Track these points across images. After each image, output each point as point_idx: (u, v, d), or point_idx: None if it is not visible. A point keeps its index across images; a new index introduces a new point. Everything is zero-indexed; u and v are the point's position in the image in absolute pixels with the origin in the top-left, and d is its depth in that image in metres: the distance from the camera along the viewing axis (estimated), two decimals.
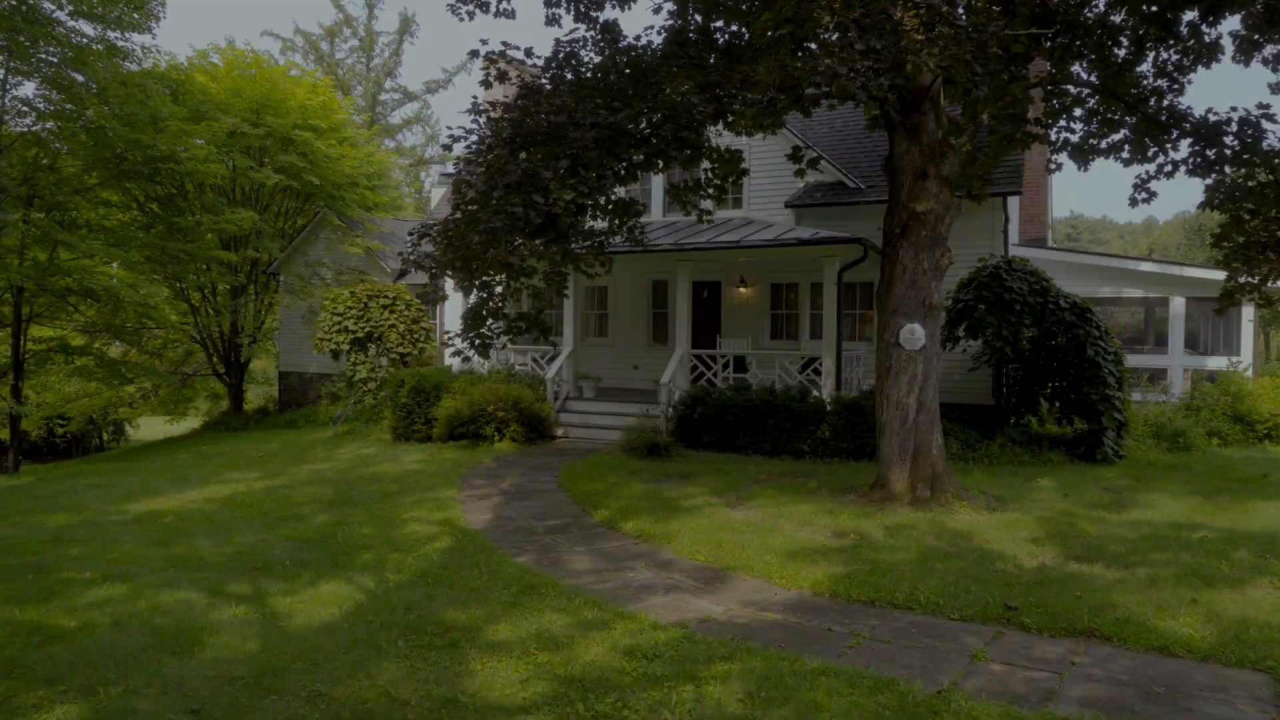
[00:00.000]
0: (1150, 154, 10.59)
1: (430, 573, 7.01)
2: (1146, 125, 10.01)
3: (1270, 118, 9.67)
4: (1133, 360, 16.88)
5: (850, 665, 4.93)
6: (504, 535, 8.52)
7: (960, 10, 6.87)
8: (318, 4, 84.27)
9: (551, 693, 4.52)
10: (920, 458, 9.38)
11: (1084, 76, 11.07)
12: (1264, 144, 9.76)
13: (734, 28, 9.76)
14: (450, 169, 27.13)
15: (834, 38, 6.89)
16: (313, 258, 24.86)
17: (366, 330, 18.61)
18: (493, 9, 11.29)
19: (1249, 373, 15.60)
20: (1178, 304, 16.15)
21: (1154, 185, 10.95)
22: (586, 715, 4.23)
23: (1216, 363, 15.98)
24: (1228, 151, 10.11)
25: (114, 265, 21.82)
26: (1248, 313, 16.06)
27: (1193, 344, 16.98)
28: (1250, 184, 10.21)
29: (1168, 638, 5.28)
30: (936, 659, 5.09)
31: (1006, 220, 14.99)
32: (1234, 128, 9.89)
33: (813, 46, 7.93)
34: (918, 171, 9.43)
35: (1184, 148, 10.46)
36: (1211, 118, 10.05)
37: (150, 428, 37.80)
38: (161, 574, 7.14)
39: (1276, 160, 9.75)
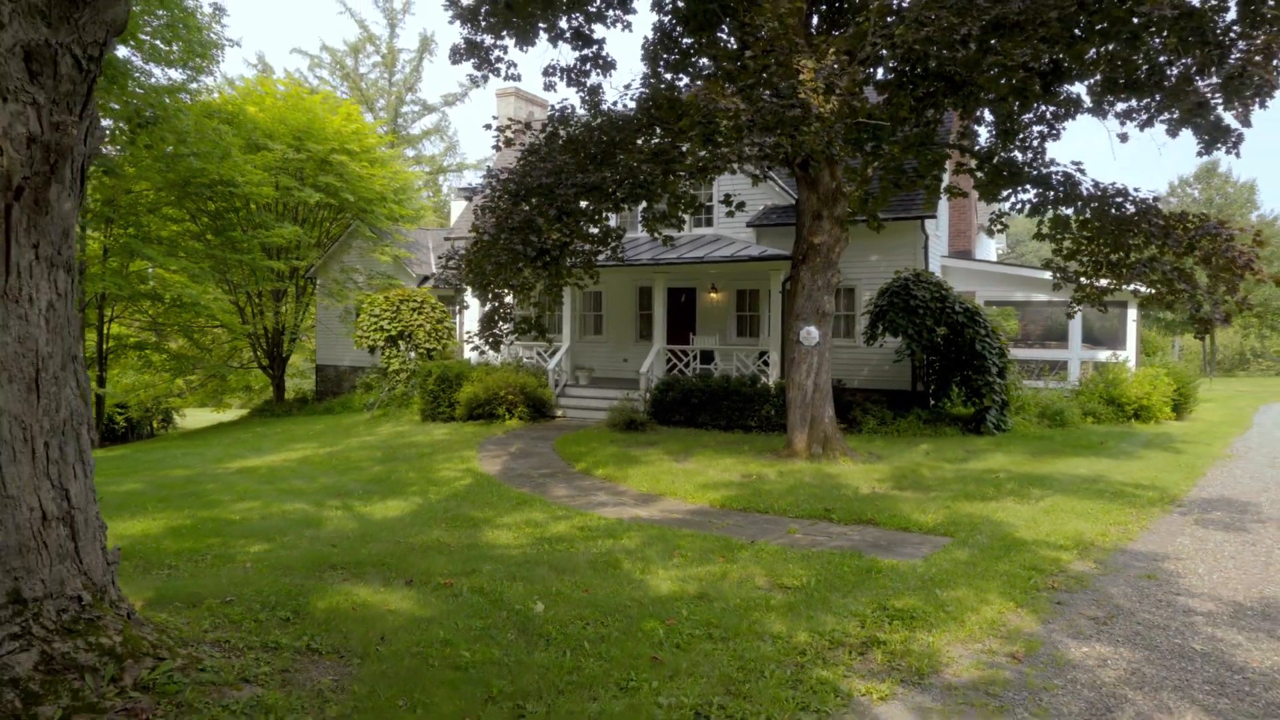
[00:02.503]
0: (1005, 195, 13.77)
1: (458, 495, 10.42)
2: (992, 175, 13.19)
3: (1082, 171, 12.86)
4: (1043, 354, 20.12)
5: (709, 533, 8.26)
6: (509, 477, 11.90)
7: (826, 109, 10.05)
8: (342, 23, 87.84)
9: (530, 543, 7.88)
10: (815, 425, 12.68)
11: (988, 119, 14.24)
12: (1080, 190, 12.93)
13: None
14: (473, 178, 30.70)
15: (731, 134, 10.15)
16: (346, 264, 28.31)
17: (399, 329, 22.08)
18: (503, 74, 14.63)
19: (1130, 364, 18.73)
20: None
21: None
22: (548, 549, 7.58)
23: (1105, 355, 19.14)
24: (1060, 195, 13.29)
25: (174, 271, 25.38)
26: (1132, 313, 19.19)
27: (1095, 340, 20.09)
28: (1078, 219, 13.39)
29: (910, 523, 8.58)
30: (765, 532, 8.41)
31: (926, 239, 18.18)
32: (1060, 178, 13.07)
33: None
34: (815, 213, 12.71)
35: (1031, 191, 13.64)
36: (1044, 170, 13.22)
37: (194, 417, 41.59)
38: (277, 497, 10.57)
39: (1094, 203, 12.93)
